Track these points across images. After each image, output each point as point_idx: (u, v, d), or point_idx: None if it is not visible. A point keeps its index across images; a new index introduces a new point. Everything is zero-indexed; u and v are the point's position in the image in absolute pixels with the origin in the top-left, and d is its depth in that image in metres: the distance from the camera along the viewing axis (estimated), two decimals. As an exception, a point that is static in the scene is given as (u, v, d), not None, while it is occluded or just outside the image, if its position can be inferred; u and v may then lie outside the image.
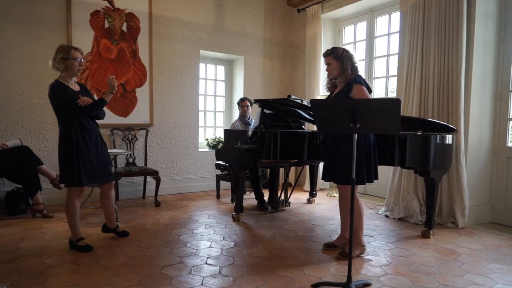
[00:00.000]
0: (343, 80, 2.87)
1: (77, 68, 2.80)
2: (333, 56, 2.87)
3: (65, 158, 2.78)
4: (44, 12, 4.18)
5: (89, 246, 2.90)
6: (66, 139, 2.77)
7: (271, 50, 6.00)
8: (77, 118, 2.79)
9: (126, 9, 4.67)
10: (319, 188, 5.50)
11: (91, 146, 2.84)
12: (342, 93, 2.86)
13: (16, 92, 4.11)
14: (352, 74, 2.84)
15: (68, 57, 2.75)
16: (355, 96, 2.76)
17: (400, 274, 2.57)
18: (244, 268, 2.61)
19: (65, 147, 2.77)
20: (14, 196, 3.88)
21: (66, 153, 2.78)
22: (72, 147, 2.75)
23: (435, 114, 3.85)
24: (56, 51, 2.78)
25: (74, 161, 2.75)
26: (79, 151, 2.77)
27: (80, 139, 2.78)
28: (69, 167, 2.77)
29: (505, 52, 3.86)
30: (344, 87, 2.85)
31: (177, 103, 5.16)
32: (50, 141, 4.32)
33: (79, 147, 2.77)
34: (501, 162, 3.91)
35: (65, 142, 2.77)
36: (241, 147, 3.60)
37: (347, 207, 2.87)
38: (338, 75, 2.90)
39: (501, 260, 2.87)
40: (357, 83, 2.79)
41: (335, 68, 2.88)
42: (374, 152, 2.83)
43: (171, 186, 5.16)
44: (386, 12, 5.01)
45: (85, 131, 2.81)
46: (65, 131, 2.78)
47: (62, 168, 2.82)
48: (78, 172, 2.76)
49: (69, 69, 2.78)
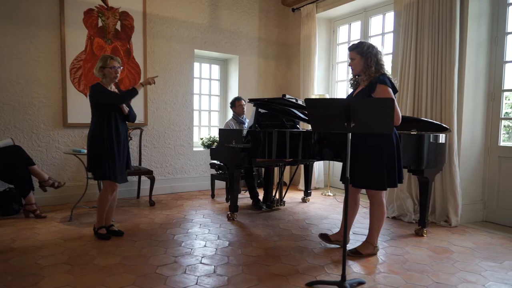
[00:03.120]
0: (366, 78, 2.72)
1: (113, 75, 3.10)
2: (357, 51, 2.71)
3: (95, 154, 3.08)
4: (37, 10, 4.14)
5: (108, 235, 3.16)
6: (97, 135, 3.06)
7: (266, 49, 6.00)
8: (110, 117, 3.05)
9: (120, 7, 4.64)
10: (314, 187, 5.52)
11: (119, 145, 3.10)
12: (364, 92, 2.71)
13: (8, 91, 4.07)
14: (376, 73, 2.68)
15: (105, 66, 3.07)
16: (378, 97, 2.60)
17: (394, 272, 2.59)
18: (239, 267, 2.61)
19: (96, 143, 3.06)
20: (7, 196, 3.85)
21: (96, 152, 3.06)
22: (103, 145, 3.03)
23: (428, 113, 3.88)
24: (98, 61, 3.12)
25: (106, 158, 3.04)
26: (109, 149, 3.04)
27: (113, 137, 3.05)
28: (101, 164, 3.06)
29: (497, 52, 3.89)
30: (367, 85, 2.70)
31: (171, 103, 5.14)
32: (43, 140, 4.29)
33: (110, 145, 3.04)
34: (494, 161, 3.95)
35: (96, 138, 3.05)
36: (236, 146, 3.60)
37: (372, 212, 2.87)
38: (361, 71, 2.74)
39: (493, 258, 2.90)
40: (381, 83, 2.63)
41: (358, 64, 2.72)
42: (398, 154, 2.71)
43: (166, 185, 5.14)
44: (380, 12, 5.03)
45: (116, 130, 3.09)
46: (97, 127, 3.06)
47: (94, 165, 3.10)
48: (110, 169, 3.05)
49: (107, 76, 3.10)
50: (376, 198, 2.83)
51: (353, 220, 3.17)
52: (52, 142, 4.35)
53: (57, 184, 3.99)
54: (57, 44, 4.28)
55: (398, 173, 2.74)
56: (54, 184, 3.97)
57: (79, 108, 4.39)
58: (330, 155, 3.48)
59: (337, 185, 5.64)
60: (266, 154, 3.50)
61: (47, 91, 4.27)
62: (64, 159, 4.41)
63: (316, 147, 3.49)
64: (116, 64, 3.09)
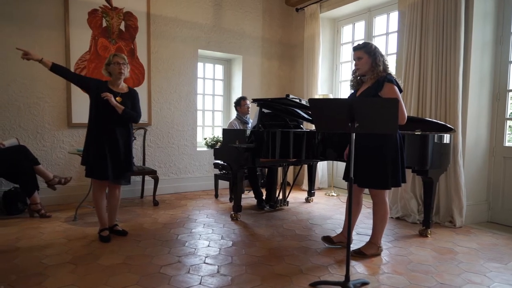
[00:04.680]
0: (373, 77, 2.71)
1: (117, 71, 3.08)
2: (365, 50, 2.70)
3: (84, 150, 3.11)
4: (42, 10, 4.16)
5: (107, 238, 3.10)
6: (87, 131, 3.10)
7: (270, 49, 6.00)
8: (98, 113, 3.05)
9: (124, 8, 4.66)
10: (318, 187, 5.51)
11: (111, 144, 3.06)
12: (370, 91, 2.69)
13: (13, 91, 4.09)
14: (384, 72, 2.69)
15: (109, 63, 3.09)
16: (386, 95, 2.60)
17: (398, 273, 2.58)
18: (243, 267, 2.61)
19: (85, 139, 3.10)
20: (12, 196, 3.87)
21: (84, 147, 3.10)
22: (88, 141, 3.07)
23: (433, 113, 3.86)
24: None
25: (89, 155, 3.06)
26: (94, 146, 3.04)
27: (101, 134, 3.04)
28: (84, 160, 3.10)
29: (502, 52, 3.87)
30: (374, 84, 2.69)
31: (175, 103, 5.15)
32: (48, 140, 4.31)
33: (96, 142, 3.04)
34: (499, 161, 3.92)
35: (86, 134, 3.10)
36: (240, 146, 3.60)
37: (375, 212, 2.87)
38: (367, 71, 2.74)
39: (498, 259, 2.88)
40: (389, 82, 2.63)
41: (366, 63, 2.71)
42: (401, 154, 2.70)
43: (170, 185, 5.15)
44: (385, 12, 5.01)
45: (104, 126, 3.06)
46: (88, 123, 3.11)
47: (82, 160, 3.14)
48: (93, 167, 3.06)
49: (112, 73, 3.11)
50: (379, 197, 2.83)
51: (356, 220, 3.17)
52: (57, 142, 4.38)
53: (64, 180, 4.01)
54: (62, 44, 4.30)
55: (401, 173, 2.73)
56: (61, 181, 3.99)
57: (84, 108, 4.35)
58: (334, 155, 3.47)
59: (340, 185, 5.63)
60: (269, 154, 3.50)
61: (52, 91, 4.29)
62: (69, 159, 4.44)
63: (320, 147, 3.48)
64: (120, 60, 3.08)
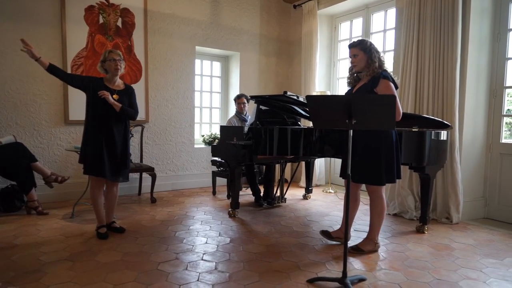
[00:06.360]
0: (369, 73, 2.74)
1: (113, 68, 3.03)
2: (360, 47, 2.74)
3: (81, 148, 3.09)
4: (38, 7, 4.14)
5: (105, 235, 3.09)
6: (84, 129, 3.08)
7: (267, 46, 5.99)
8: (95, 110, 3.02)
9: (121, 4, 4.63)
10: (315, 184, 5.52)
11: (108, 141, 3.03)
12: (366, 87, 2.72)
13: (10, 88, 4.07)
14: (379, 68, 2.72)
15: (105, 59, 3.05)
16: (381, 92, 2.63)
17: (395, 269, 2.59)
18: (240, 264, 2.62)
19: (82, 137, 3.09)
20: (9, 193, 3.86)
21: (82, 145, 3.08)
22: (85, 138, 3.05)
23: (430, 110, 3.87)
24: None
25: (87, 153, 3.03)
26: (91, 143, 3.02)
27: (98, 132, 3.02)
28: (82, 158, 3.07)
29: (499, 49, 3.87)
30: (369, 80, 2.72)
31: (172, 99, 5.14)
32: (45, 137, 4.30)
33: (94, 139, 3.01)
34: (495, 158, 3.94)
35: (83, 132, 3.08)
36: (237, 143, 3.60)
37: (372, 208, 2.88)
38: (363, 68, 2.76)
39: (494, 254, 2.90)
40: (384, 78, 2.66)
41: (362, 60, 2.74)
42: (396, 150, 2.73)
43: (167, 182, 5.15)
44: (382, 9, 5.01)
45: (100, 124, 3.03)
46: (85, 121, 3.08)
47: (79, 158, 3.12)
48: (90, 164, 3.02)
49: (108, 70, 3.07)
50: (375, 194, 2.84)
51: (354, 217, 3.18)
52: (54, 139, 4.36)
53: (61, 178, 4.00)
54: (58, 41, 4.28)
55: (396, 169, 2.75)
56: (57, 179, 3.98)
57: (80, 105, 4.31)
58: (331, 152, 3.47)
59: (338, 182, 5.65)
60: (267, 151, 3.50)
61: (49, 88, 4.27)
62: (66, 156, 4.42)
63: (317, 144, 3.49)
64: (116, 56, 3.03)
